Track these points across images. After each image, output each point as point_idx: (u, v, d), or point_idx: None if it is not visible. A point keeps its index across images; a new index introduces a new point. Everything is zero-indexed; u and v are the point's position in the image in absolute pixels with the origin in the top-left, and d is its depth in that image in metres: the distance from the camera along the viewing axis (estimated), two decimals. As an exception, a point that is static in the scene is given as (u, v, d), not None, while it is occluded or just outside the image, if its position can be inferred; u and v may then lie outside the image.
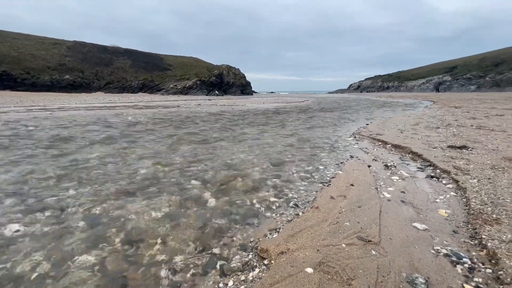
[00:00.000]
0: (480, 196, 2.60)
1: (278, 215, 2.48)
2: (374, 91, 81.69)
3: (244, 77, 68.51)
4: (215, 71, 62.00)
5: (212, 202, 2.80)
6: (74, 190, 3.09)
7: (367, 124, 8.80)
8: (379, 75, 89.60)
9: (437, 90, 63.57)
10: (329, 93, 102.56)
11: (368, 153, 4.84)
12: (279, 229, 2.19)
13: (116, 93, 50.98)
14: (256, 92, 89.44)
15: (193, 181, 3.41)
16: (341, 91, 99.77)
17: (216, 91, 56.02)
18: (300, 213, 2.44)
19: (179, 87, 56.04)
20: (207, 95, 54.18)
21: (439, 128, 7.20)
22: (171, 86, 56.61)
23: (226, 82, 62.76)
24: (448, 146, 4.81)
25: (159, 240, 2.09)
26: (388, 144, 5.44)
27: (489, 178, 3.07)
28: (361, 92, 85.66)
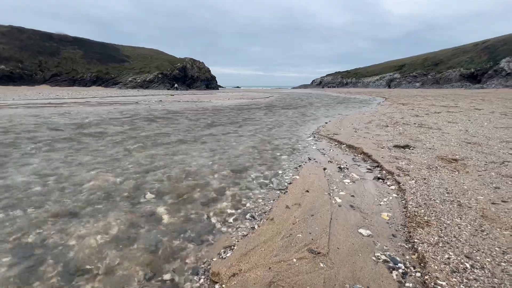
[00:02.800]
0: (416, 198, 2.90)
1: (235, 229, 2.47)
2: (335, 86, 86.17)
3: (209, 71, 66.89)
4: (178, 64, 59.47)
5: (166, 218, 2.68)
6: (1, 214, 2.70)
7: (326, 123, 9.23)
8: (339, 72, 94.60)
9: (389, 86, 69.41)
10: (293, 88, 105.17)
11: (324, 154, 5.07)
12: (234, 246, 2.18)
13: (65, 86, 46.02)
14: (221, 87, 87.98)
15: (148, 194, 3.22)
16: (304, 86, 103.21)
17: (176, 85, 53.72)
18: (256, 226, 2.46)
19: (139, 80, 52.66)
20: (169, 89, 51.83)
21: (388, 126, 7.85)
22: (129, 79, 52.92)
23: (190, 76, 60.64)
24: (394, 146, 5.27)
25: (103, 270, 1.93)
26: (343, 144, 5.77)
27: (424, 179, 3.43)
28: (323, 87, 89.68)
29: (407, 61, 75.29)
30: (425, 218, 2.45)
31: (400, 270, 1.85)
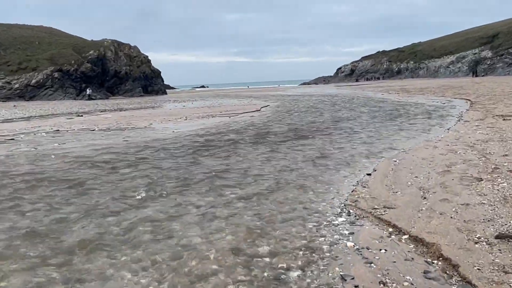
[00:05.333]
0: None
1: None
2: (378, 78, 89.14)
3: (148, 61, 68.40)
4: (91, 52, 60.63)
5: None
6: None
7: (369, 175, 9.29)
8: (383, 51, 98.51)
9: (475, 73, 72.31)
10: (303, 84, 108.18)
11: (371, 263, 4.97)
12: None
13: None
14: (172, 88, 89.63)
15: None
16: (324, 79, 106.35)
17: (89, 91, 54.12)
18: None
19: (17, 86, 53.13)
20: (75, 99, 52.13)
21: (481, 179, 7.96)
22: (-1, 85, 53.13)
23: (113, 72, 61.70)
24: (497, 237, 5.27)
25: None
26: (404, 234, 5.74)
27: None
28: (356, 80, 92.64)
29: (503, 28, 79.50)
30: None
31: None
